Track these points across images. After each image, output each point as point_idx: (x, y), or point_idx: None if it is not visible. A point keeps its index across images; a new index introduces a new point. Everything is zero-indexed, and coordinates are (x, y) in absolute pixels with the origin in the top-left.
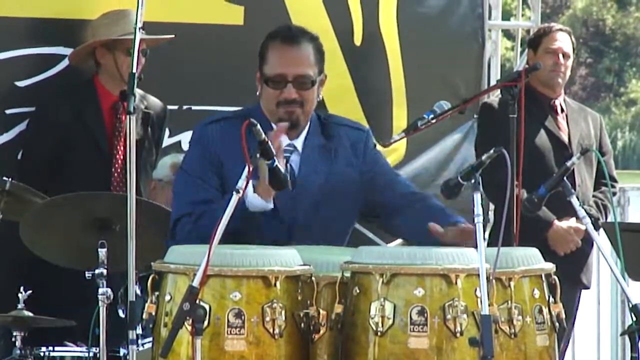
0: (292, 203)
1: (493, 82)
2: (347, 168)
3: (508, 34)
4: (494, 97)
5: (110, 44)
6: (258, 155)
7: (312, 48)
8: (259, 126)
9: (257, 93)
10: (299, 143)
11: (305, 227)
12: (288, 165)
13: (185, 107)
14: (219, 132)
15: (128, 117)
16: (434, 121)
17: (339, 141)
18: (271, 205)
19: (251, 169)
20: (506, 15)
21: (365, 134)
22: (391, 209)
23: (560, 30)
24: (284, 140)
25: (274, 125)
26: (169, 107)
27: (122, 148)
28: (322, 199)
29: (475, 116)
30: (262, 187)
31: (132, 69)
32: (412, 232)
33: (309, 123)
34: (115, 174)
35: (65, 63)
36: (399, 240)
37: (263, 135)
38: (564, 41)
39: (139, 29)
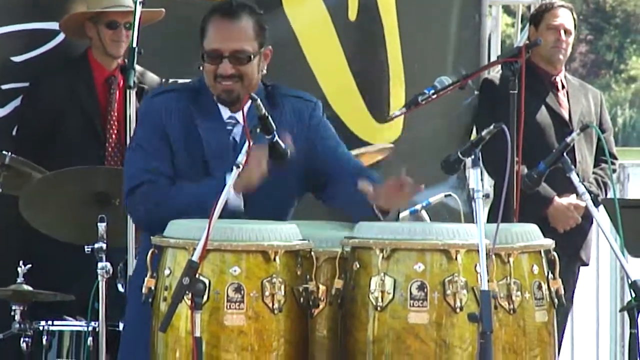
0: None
1: (493, 59)
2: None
3: (508, 10)
4: (495, 73)
5: (95, 17)
6: (258, 130)
7: (252, 22)
8: (259, 101)
9: (199, 67)
10: (240, 115)
11: (248, 198)
12: (231, 138)
13: (171, 80)
14: (162, 104)
15: (128, 91)
16: (434, 96)
17: (281, 110)
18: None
19: (251, 143)
20: None
21: (312, 104)
22: (329, 178)
23: (562, 6)
24: (225, 113)
25: (218, 105)
26: None
27: (115, 123)
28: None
29: (476, 92)
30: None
31: (132, 44)
32: (346, 201)
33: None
34: (110, 149)
35: (60, 38)
36: (402, 215)
37: (264, 111)
38: (565, 17)
39: (140, 2)
